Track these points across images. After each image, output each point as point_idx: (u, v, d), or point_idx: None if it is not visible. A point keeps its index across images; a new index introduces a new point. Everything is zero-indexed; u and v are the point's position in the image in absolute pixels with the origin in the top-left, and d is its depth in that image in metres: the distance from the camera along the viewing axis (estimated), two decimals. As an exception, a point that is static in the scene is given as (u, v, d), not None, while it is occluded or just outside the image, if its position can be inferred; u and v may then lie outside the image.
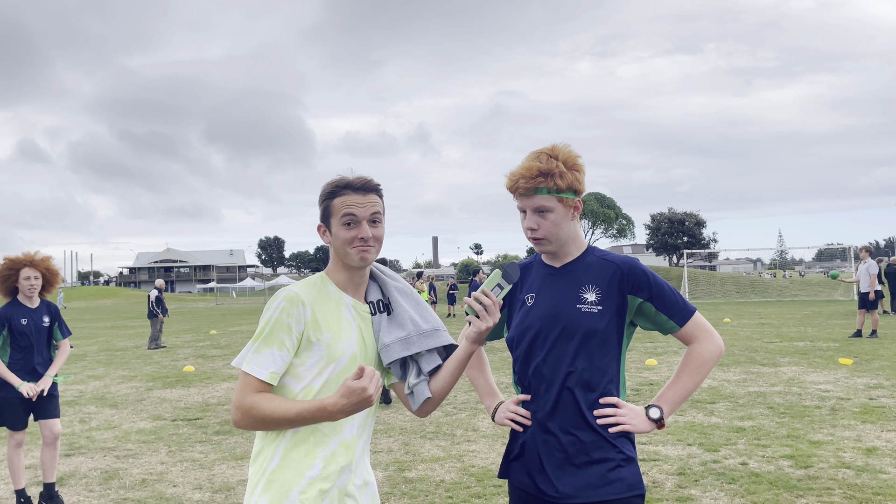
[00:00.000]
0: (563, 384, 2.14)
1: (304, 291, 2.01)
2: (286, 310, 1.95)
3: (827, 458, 5.71)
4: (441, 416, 7.93)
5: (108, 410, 8.97)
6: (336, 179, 2.10)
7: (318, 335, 1.97)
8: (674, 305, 2.19)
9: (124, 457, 6.52)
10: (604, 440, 2.12)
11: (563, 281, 2.22)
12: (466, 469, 5.78)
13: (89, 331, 25.92)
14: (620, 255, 2.26)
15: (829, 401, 8.08)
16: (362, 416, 2.07)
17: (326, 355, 1.98)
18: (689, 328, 2.20)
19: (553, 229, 2.17)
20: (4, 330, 5.04)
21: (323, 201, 2.09)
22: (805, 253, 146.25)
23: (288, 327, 1.95)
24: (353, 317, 2.08)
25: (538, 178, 2.12)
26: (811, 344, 13.84)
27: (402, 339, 2.10)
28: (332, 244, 2.09)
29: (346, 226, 2.04)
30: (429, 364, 2.13)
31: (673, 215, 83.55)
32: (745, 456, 5.86)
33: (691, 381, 2.18)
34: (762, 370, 10.62)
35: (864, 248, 15.44)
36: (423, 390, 2.10)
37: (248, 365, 1.93)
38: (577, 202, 2.19)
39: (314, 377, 1.98)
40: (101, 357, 15.69)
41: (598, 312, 2.15)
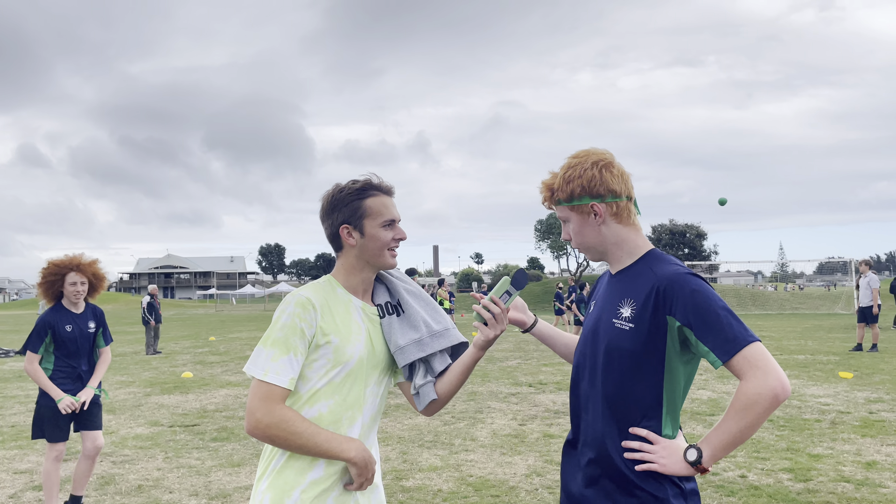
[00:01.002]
0: (592, 406, 2.02)
1: (315, 295, 2.00)
2: (298, 315, 1.95)
3: (826, 472, 5.68)
4: (439, 425, 7.91)
5: (105, 416, 8.94)
6: (363, 180, 2.10)
7: (327, 338, 1.98)
8: (719, 335, 1.84)
9: (121, 462, 6.50)
10: (630, 471, 1.92)
11: (611, 290, 2.09)
12: (464, 478, 5.75)
13: (88, 336, 25.87)
14: (671, 267, 1.97)
15: (829, 414, 8.05)
16: (368, 419, 2.08)
17: (334, 358, 1.98)
18: (737, 364, 1.83)
19: (578, 238, 2.11)
20: (48, 337, 4.80)
21: (350, 202, 2.06)
22: (806, 266, 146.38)
23: (301, 332, 1.95)
24: (363, 319, 2.09)
25: (547, 192, 2.12)
26: (811, 357, 13.81)
27: (416, 340, 2.11)
28: (362, 245, 2.07)
29: (384, 227, 2.07)
30: (440, 364, 2.15)
31: (674, 227, 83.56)
32: (745, 469, 5.84)
33: (735, 425, 1.83)
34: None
35: (864, 262, 15.42)
36: (429, 392, 2.13)
37: (269, 374, 1.91)
38: (593, 206, 2.04)
39: (319, 378, 1.99)
40: (99, 362, 15.66)
41: (630, 331, 1.94)
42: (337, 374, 1.99)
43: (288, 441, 1.91)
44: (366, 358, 2.05)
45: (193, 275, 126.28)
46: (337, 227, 2.08)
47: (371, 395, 2.08)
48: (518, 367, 13.25)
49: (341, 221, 2.07)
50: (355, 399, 2.03)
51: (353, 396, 2.02)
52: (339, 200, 2.08)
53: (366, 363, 2.05)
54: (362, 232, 2.06)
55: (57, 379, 4.80)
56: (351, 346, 2.01)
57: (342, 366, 1.99)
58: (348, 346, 2.00)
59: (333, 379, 1.99)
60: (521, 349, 16.75)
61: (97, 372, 5.01)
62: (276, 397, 1.91)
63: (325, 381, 1.99)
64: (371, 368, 2.08)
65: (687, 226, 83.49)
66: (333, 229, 2.09)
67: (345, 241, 2.08)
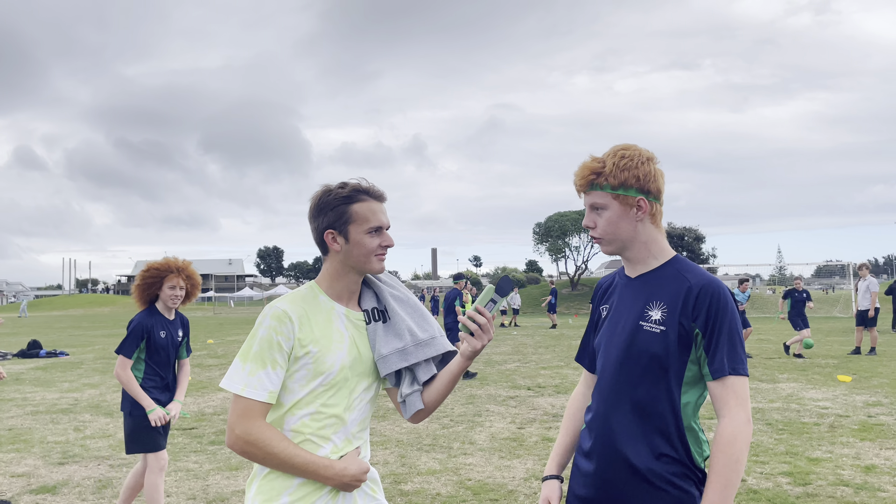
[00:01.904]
0: (622, 409, 2.00)
1: (291, 307, 1.97)
2: (275, 328, 1.93)
3: (825, 476, 5.68)
4: (438, 428, 7.89)
5: (102, 419, 8.92)
6: (352, 184, 2.05)
7: (306, 349, 1.95)
8: (720, 352, 1.89)
9: (118, 465, 6.47)
10: (656, 474, 1.94)
11: (634, 293, 2.06)
12: (462, 482, 5.74)
13: (86, 339, 25.84)
14: (705, 274, 1.99)
15: (827, 418, 8.04)
16: (354, 426, 2.05)
17: (314, 368, 1.95)
18: (724, 386, 1.88)
19: (609, 228, 2.04)
20: (143, 342, 4.47)
21: (336, 206, 2.02)
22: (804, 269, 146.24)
23: (279, 345, 1.92)
24: (346, 326, 2.05)
25: (590, 175, 2.05)
26: (810, 360, 13.81)
27: (399, 350, 2.07)
28: (346, 251, 2.03)
29: (371, 234, 2.02)
30: (425, 374, 2.11)
31: (672, 230, 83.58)
32: (744, 472, 5.83)
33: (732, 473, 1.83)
34: (761, 386, 10.59)
35: (863, 265, 15.43)
36: (416, 402, 2.09)
37: (247, 389, 1.89)
38: (639, 201, 2.01)
39: (301, 388, 1.97)
40: (97, 365, 15.63)
41: (661, 334, 1.94)
42: (319, 384, 1.96)
43: (264, 460, 1.90)
44: (350, 365, 2.01)
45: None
46: (322, 231, 2.04)
47: (358, 401, 2.05)
48: (516, 370, 13.24)
49: (326, 226, 2.03)
50: (340, 406, 2.00)
51: (337, 404, 2.00)
52: (325, 203, 2.03)
53: (350, 370, 2.01)
54: (347, 238, 2.01)
55: (146, 388, 4.48)
56: (331, 355, 1.98)
57: (323, 375, 1.96)
58: (328, 355, 1.97)
59: (315, 388, 1.96)
60: (520, 352, 16.74)
61: (182, 385, 4.71)
62: (254, 413, 1.89)
63: (306, 391, 1.96)
64: (358, 375, 2.05)
65: (685, 229, 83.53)
66: (318, 233, 2.06)
67: (329, 245, 2.04)
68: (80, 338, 26.38)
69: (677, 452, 1.95)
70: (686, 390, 1.96)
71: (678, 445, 1.95)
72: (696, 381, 1.97)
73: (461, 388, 11.01)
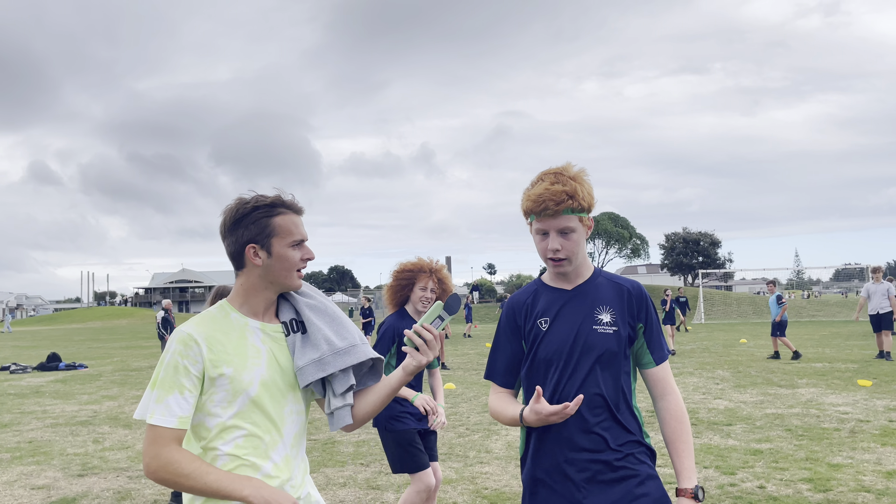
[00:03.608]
0: (586, 407, 2.16)
1: (197, 329, 1.92)
2: (180, 352, 1.88)
3: (846, 482, 5.61)
4: (454, 437, 7.88)
5: (121, 430, 8.99)
6: (272, 197, 2.01)
7: (219, 371, 1.90)
8: (658, 342, 2.25)
9: (137, 477, 6.52)
10: (628, 457, 2.16)
11: (578, 303, 2.24)
12: (479, 491, 5.73)
13: (104, 351, 26.06)
14: (627, 278, 2.32)
15: (848, 423, 7.95)
16: (291, 438, 2.01)
17: (231, 388, 1.90)
18: (664, 370, 2.25)
19: (575, 249, 2.20)
20: (394, 346, 4.16)
21: (258, 219, 1.97)
22: (822, 273, 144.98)
23: (185, 369, 1.87)
24: (262, 340, 1.99)
25: (567, 200, 2.13)
26: (829, 365, 13.66)
27: (315, 360, 2.01)
28: (268, 266, 1.98)
29: (294, 247, 2.00)
30: (342, 385, 2.05)
31: (688, 235, 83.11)
32: (763, 479, 5.77)
33: (691, 439, 2.21)
34: (780, 392, 10.49)
35: (878, 268, 15.13)
36: (345, 417, 2.05)
37: (153, 416, 1.85)
38: (590, 221, 2.24)
39: (225, 411, 1.91)
40: (115, 377, 15.76)
41: (613, 334, 2.19)
42: (241, 403, 1.91)
43: (178, 483, 1.83)
44: (270, 380, 1.96)
45: (208, 289, 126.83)
46: (242, 244, 1.97)
47: (290, 413, 2.01)
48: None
49: (248, 239, 1.97)
50: (271, 422, 1.96)
51: (267, 420, 1.95)
52: (243, 216, 1.97)
53: (272, 385, 1.96)
54: (269, 251, 1.97)
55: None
56: (247, 372, 1.92)
57: (244, 394, 1.91)
58: (244, 373, 1.92)
59: (240, 409, 1.91)
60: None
61: (438, 392, 4.41)
62: (163, 440, 1.84)
63: (230, 413, 1.91)
64: (284, 387, 2.00)
65: (701, 234, 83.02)
66: (238, 247, 1.98)
67: (250, 260, 1.98)
68: (99, 350, 26.60)
69: (636, 435, 2.21)
70: (632, 380, 2.26)
71: (636, 429, 2.21)
72: (635, 371, 2.29)
73: (477, 396, 10.99)
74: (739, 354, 16.73)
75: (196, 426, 1.94)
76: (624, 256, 77.29)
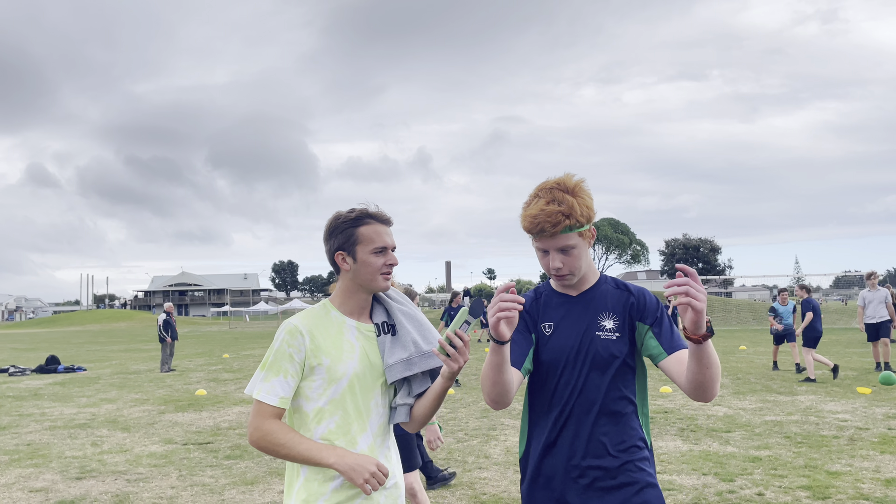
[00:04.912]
0: (587, 413, 2.17)
1: (303, 322, 2.18)
2: (287, 341, 2.15)
3: (845, 489, 5.61)
4: (453, 442, 7.88)
5: (119, 434, 8.98)
6: (359, 209, 2.25)
7: (318, 361, 2.15)
8: (669, 335, 2.22)
9: (135, 480, 6.51)
10: (628, 464, 2.16)
11: (582, 309, 2.25)
12: (477, 497, 5.72)
13: (103, 354, 26.05)
14: (629, 283, 2.31)
15: (847, 430, 7.95)
16: (376, 428, 2.22)
17: (328, 377, 2.15)
18: (681, 355, 2.16)
19: (578, 264, 2.20)
20: None
21: (345, 230, 2.21)
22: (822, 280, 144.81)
23: (290, 356, 2.14)
24: (357, 338, 2.23)
25: (564, 220, 2.11)
26: (829, 372, 13.65)
27: (404, 360, 2.23)
28: (355, 270, 2.22)
29: (376, 254, 2.21)
30: (420, 386, 2.27)
31: (688, 241, 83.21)
32: (762, 486, 5.77)
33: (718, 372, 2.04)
34: (779, 399, 10.48)
35: (872, 273, 14.58)
36: (403, 413, 2.26)
37: (259, 393, 2.13)
38: (592, 230, 2.23)
39: (321, 397, 2.16)
40: (114, 380, 15.75)
41: (617, 339, 2.20)
42: (335, 392, 2.16)
43: (276, 451, 2.10)
44: (361, 373, 2.19)
45: (207, 292, 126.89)
46: (333, 252, 2.24)
47: (376, 405, 2.23)
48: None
49: (336, 247, 2.23)
50: (359, 412, 2.19)
51: (355, 410, 2.18)
52: (335, 228, 2.24)
53: (362, 378, 2.20)
54: (355, 258, 2.21)
55: None
56: (342, 364, 2.16)
57: (337, 383, 2.16)
58: (340, 364, 2.16)
59: (333, 396, 2.16)
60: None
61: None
62: (266, 413, 2.11)
63: (325, 399, 2.16)
64: (372, 381, 2.23)
65: (701, 240, 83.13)
66: (331, 254, 2.26)
67: (340, 265, 2.23)
68: (98, 353, 26.58)
69: (637, 443, 2.19)
70: (639, 383, 2.25)
71: (638, 437, 2.19)
72: (642, 376, 2.27)
73: (476, 401, 10.99)
74: (739, 361, 16.73)
75: (296, 408, 2.19)
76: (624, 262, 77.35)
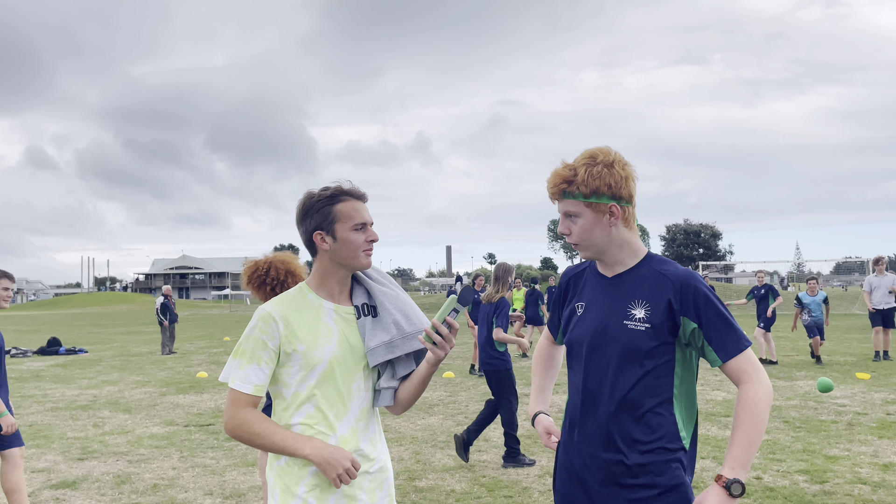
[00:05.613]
0: (607, 402, 2.06)
1: (277, 308, 2.11)
2: (260, 328, 2.08)
3: (843, 474, 5.63)
4: (452, 426, 7.91)
5: (121, 415, 9.03)
6: (334, 187, 2.17)
7: (293, 347, 2.08)
8: (723, 336, 2.00)
9: (136, 461, 6.55)
10: (653, 464, 2.02)
11: (613, 293, 2.11)
12: (477, 479, 5.76)
13: (104, 336, 26.12)
14: (679, 268, 2.09)
15: (845, 415, 7.98)
16: (357, 412, 2.15)
17: (304, 363, 2.08)
18: (739, 364, 1.99)
19: (584, 235, 2.10)
20: None
21: (322, 208, 2.13)
22: (822, 266, 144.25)
23: (263, 343, 2.07)
24: (335, 321, 2.16)
25: (562, 184, 2.09)
26: (828, 358, 13.69)
27: (386, 342, 2.16)
28: (335, 249, 2.13)
29: (356, 230, 2.13)
30: (404, 369, 2.21)
31: (689, 227, 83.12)
32: (760, 470, 5.80)
33: (756, 433, 1.93)
34: (778, 384, 10.52)
35: (880, 259, 14.44)
36: (387, 397, 2.21)
37: (234, 381, 2.07)
38: (611, 207, 2.06)
39: (299, 384, 2.10)
40: (115, 362, 15.80)
41: (646, 331, 2.02)
42: (312, 377, 2.09)
43: (251, 440, 2.05)
44: (341, 357, 2.12)
45: (208, 275, 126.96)
46: (310, 232, 2.15)
47: (357, 389, 2.16)
48: (530, 367, 13.19)
49: (314, 227, 2.14)
50: (340, 397, 2.12)
51: (336, 394, 2.11)
52: (310, 207, 2.15)
53: (342, 362, 2.12)
54: (334, 236, 2.12)
55: None
56: (319, 349, 2.09)
57: (314, 369, 2.08)
58: (316, 350, 2.09)
59: (311, 382, 2.09)
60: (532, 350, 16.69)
61: None
62: (241, 402, 2.06)
63: (304, 385, 2.09)
64: (354, 365, 2.15)
65: (702, 226, 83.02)
66: (307, 235, 2.17)
67: (319, 246, 2.15)
68: (99, 335, 26.67)
69: (667, 440, 2.03)
70: (680, 379, 2.07)
71: (669, 433, 2.03)
72: (686, 369, 2.08)
73: (476, 385, 11.02)
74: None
75: (275, 395, 2.14)
76: (624, 247, 77.18)
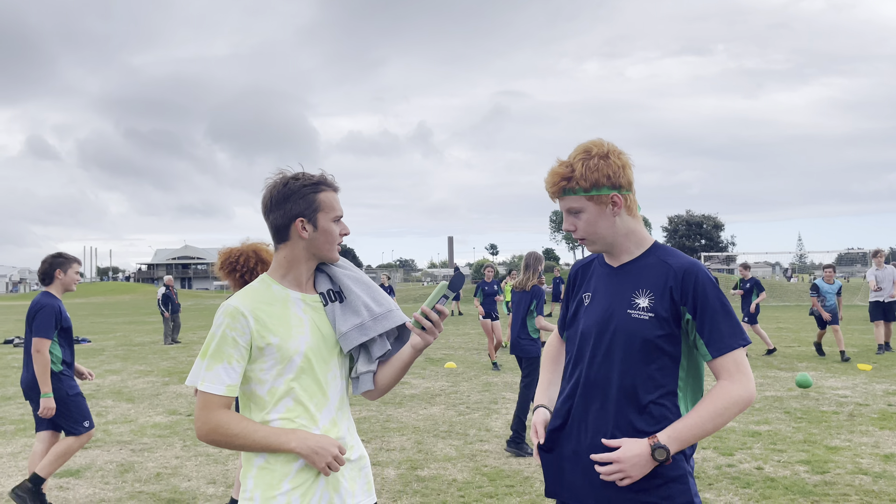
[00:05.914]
0: (608, 392, 2.06)
1: (244, 302, 2.03)
2: (228, 325, 2.00)
3: (844, 464, 5.65)
4: (454, 415, 7.93)
5: (124, 404, 9.06)
6: (318, 175, 2.14)
7: (266, 341, 2.01)
8: (714, 331, 1.98)
9: (140, 450, 6.58)
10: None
11: (618, 282, 2.12)
12: (479, 469, 5.78)
13: (107, 326, 26.19)
14: (684, 258, 2.08)
15: (846, 406, 7.99)
16: (336, 401, 2.13)
17: (279, 356, 2.02)
18: (724, 363, 1.98)
19: (590, 229, 2.10)
20: None
21: (306, 195, 2.07)
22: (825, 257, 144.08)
23: (233, 341, 1.99)
24: (304, 311, 2.11)
25: (561, 181, 2.10)
26: (830, 349, 13.69)
27: (357, 325, 2.14)
28: (313, 239, 2.09)
29: (336, 222, 2.12)
30: (379, 350, 2.19)
31: (691, 218, 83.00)
32: (761, 460, 5.81)
33: (711, 423, 1.94)
34: (779, 374, 10.52)
35: (879, 251, 14.41)
36: (367, 381, 2.19)
37: (204, 383, 1.99)
38: (613, 197, 2.07)
39: (275, 379, 2.04)
40: (118, 352, 15.85)
41: (649, 320, 2.02)
42: (289, 370, 2.03)
43: (230, 443, 1.98)
44: (315, 347, 2.08)
45: (210, 266, 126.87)
46: (290, 218, 2.07)
47: (334, 377, 2.13)
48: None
49: (297, 213, 2.07)
50: (318, 387, 2.08)
51: (315, 385, 2.08)
52: (293, 192, 2.07)
53: (317, 352, 2.08)
54: (316, 225, 2.08)
55: None
56: (293, 341, 2.04)
57: (290, 361, 2.03)
58: (290, 341, 2.04)
59: (287, 375, 2.03)
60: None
61: None
62: (213, 405, 1.97)
63: (280, 380, 2.03)
64: (328, 353, 2.12)
65: (704, 216, 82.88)
66: (286, 220, 2.07)
67: (297, 233, 2.08)
68: (102, 325, 26.73)
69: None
70: (685, 372, 2.05)
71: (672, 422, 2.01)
72: (693, 362, 2.06)
73: (478, 375, 11.05)
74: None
75: (249, 393, 2.06)
76: (626, 238, 77.11)
